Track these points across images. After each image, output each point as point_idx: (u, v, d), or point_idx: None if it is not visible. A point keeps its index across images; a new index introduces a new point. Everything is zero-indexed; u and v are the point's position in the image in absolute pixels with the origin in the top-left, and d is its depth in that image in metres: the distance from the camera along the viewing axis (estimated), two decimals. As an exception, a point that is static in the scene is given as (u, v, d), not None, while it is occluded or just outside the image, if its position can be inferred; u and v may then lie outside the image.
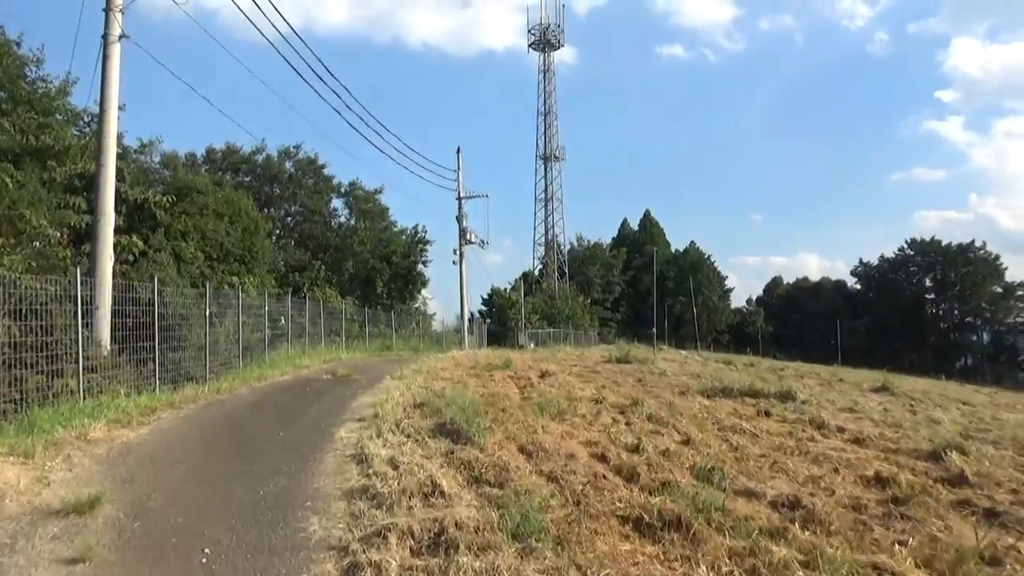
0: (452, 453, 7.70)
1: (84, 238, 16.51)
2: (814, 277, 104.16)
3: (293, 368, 19.40)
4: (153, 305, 13.62)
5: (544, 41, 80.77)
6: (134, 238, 17.22)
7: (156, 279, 13.95)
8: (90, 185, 15.57)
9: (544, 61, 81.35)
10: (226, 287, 21.85)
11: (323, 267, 44.61)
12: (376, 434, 8.91)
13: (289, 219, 50.62)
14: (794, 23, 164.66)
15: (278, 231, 46.90)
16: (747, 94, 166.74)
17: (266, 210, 43.51)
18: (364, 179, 52.77)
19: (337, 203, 50.99)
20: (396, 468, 7.15)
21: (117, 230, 17.70)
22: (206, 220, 24.44)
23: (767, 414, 12.47)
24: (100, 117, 14.18)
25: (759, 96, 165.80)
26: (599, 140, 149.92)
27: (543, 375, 18.12)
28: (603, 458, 8.00)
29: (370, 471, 7.19)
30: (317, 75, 20.34)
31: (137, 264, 17.50)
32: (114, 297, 13.28)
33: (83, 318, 12.02)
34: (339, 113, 22.51)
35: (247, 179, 46.64)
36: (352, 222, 50.33)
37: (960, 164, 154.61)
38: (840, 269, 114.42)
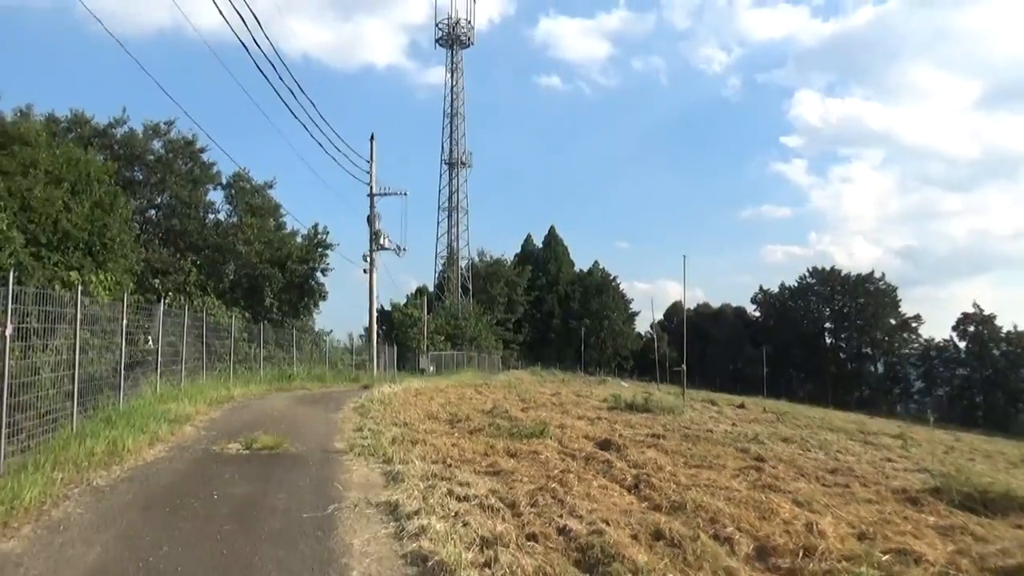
0: None
1: None
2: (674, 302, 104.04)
3: (168, 425, 11.56)
4: None
5: (453, 37, 74.03)
6: None
7: None
8: None
9: (452, 58, 74.62)
10: (57, 286, 13.67)
11: (194, 270, 35.35)
12: None
13: (154, 211, 40.85)
14: (663, 64, 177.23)
15: (139, 225, 37.26)
16: (618, 127, 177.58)
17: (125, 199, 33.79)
18: (254, 171, 44.14)
19: (216, 196, 41.61)
20: None
21: None
22: (33, 184, 15.91)
23: None
24: None
25: (629, 129, 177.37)
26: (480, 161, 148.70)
27: (604, 446, 11.32)
28: None
29: None
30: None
31: None
32: None
33: None
34: (246, 49, 15.05)
35: (101, 158, 36.64)
36: (234, 220, 41.07)
37: (803, 204, 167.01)
38: (699, 296, 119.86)
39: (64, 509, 6.43)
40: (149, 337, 15.59)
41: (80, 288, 12.39)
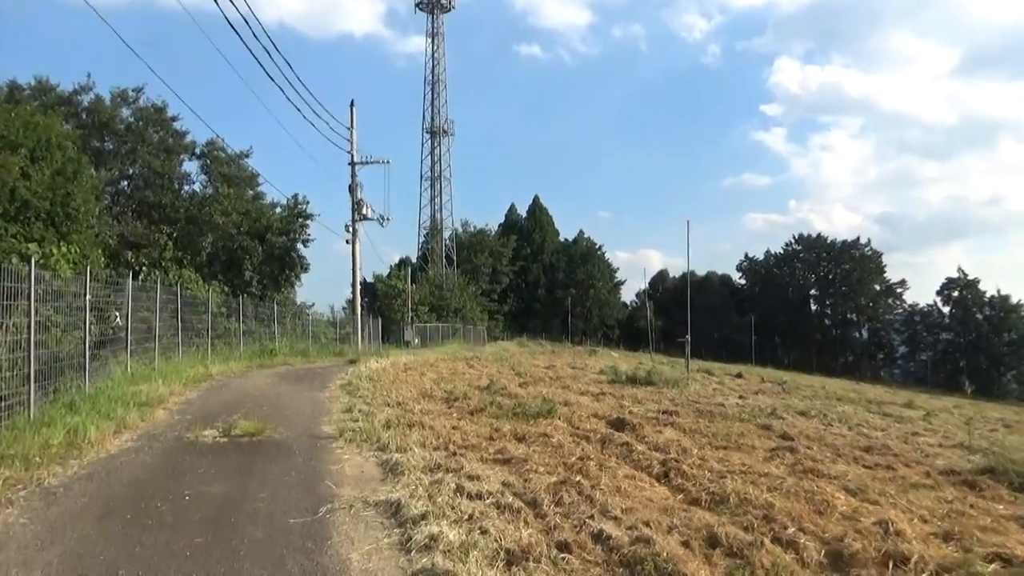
0: None
1: None
2: (659, 271, 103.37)
3: (138, 409, 10.53)
4: None
5: (433, 1, 71.87)
6: None
7: None
8: None
9: (433, 23, 72.55)
10: (15, 259, 12.53)
11: (170, 243, 33.84)
12: None
13: (126, 182, 39.11)
14: (643, 32, 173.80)
15: (111, 197, 35.63)
16: (599, 96, 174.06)
17: (95, 170, 32.00)
18: (230, 140, 42.30)
19: (191, 167, 39.85)
20: None
21: None
22: (-16, 149, 14.65)
23: None
24: None
25: (609, 98, 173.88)
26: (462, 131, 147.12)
27: (618, 426, 10.46)
28: None
29: None
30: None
31: None
32: None
33: None
34: (217, 5, 13.73)
35: (67, 127, 34.72)
36: (210, 191, 39.33)
37: (782, 172, 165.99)
38: (680, 265, 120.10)
39: (4, 518, 5.43)
40: (117, 313, 14.49)
41: (38, 261, 11.27)
